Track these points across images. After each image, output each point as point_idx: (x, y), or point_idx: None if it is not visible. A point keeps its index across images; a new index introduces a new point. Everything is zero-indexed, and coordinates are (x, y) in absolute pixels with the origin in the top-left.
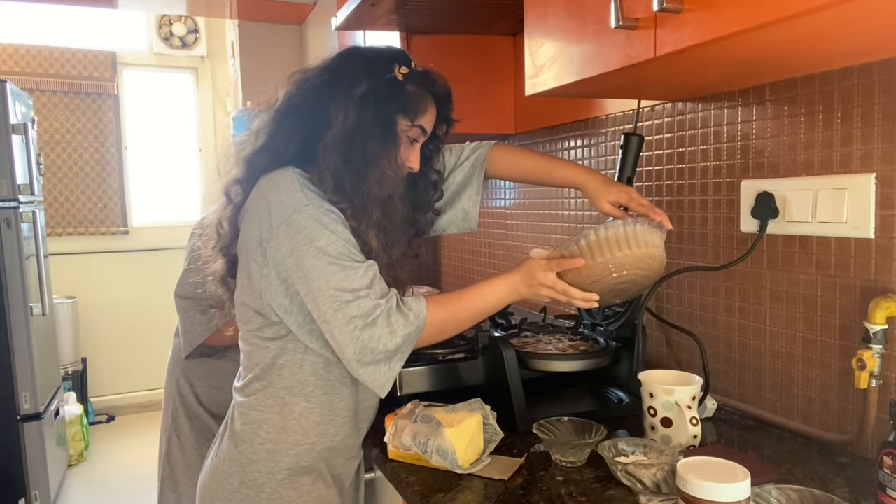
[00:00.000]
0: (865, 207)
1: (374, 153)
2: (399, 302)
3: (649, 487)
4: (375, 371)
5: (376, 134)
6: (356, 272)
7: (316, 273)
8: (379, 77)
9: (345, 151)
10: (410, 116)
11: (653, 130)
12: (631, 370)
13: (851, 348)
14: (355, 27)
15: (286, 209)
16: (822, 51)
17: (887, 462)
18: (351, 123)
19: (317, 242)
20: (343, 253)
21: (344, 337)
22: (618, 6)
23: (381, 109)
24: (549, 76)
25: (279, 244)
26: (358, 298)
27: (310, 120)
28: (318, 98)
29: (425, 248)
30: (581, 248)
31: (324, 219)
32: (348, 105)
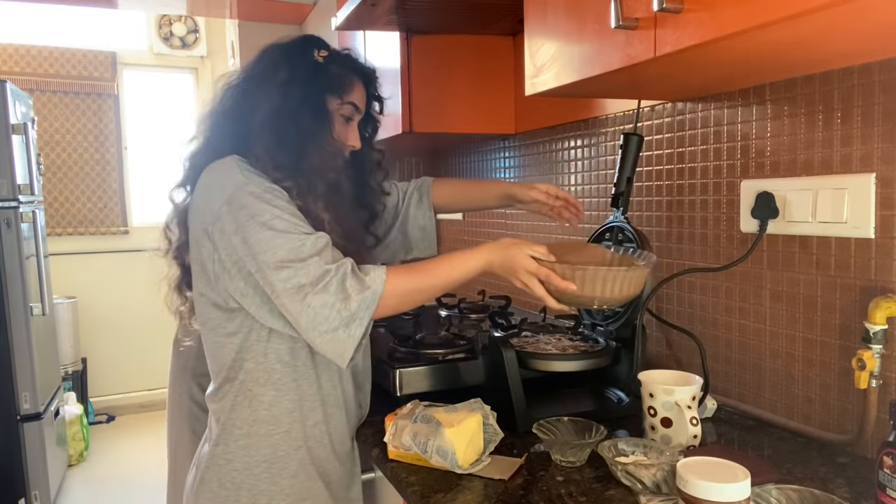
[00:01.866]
0: (865, 207)
1: (310, 130)
2: (354, 268)
3: (649, 487)
4: (333, 339)
5: (308, 113)
6: (304, 242)
7: (262, 247)
8: (299, 62)
9: (277, 129)
10: (339, 94)
11: (653, 130)
12: (631, 370)
13: (851, 348)
14: (355, 27)
15: (227, 190)
16: (822, 51)
17: (887, 462)
18: (279, 104)
19: (260, 217)
20: (289, 225)
21: (295, 307)
22: (618, 6)
23: (308, 90)
24: (549, 76)
25: (224, 225)
26: (306, 266)
27: (241, 114)
28: (244, 93)
29: None
30: (577, 276)
31: (265, 195)
32: (272, 90)
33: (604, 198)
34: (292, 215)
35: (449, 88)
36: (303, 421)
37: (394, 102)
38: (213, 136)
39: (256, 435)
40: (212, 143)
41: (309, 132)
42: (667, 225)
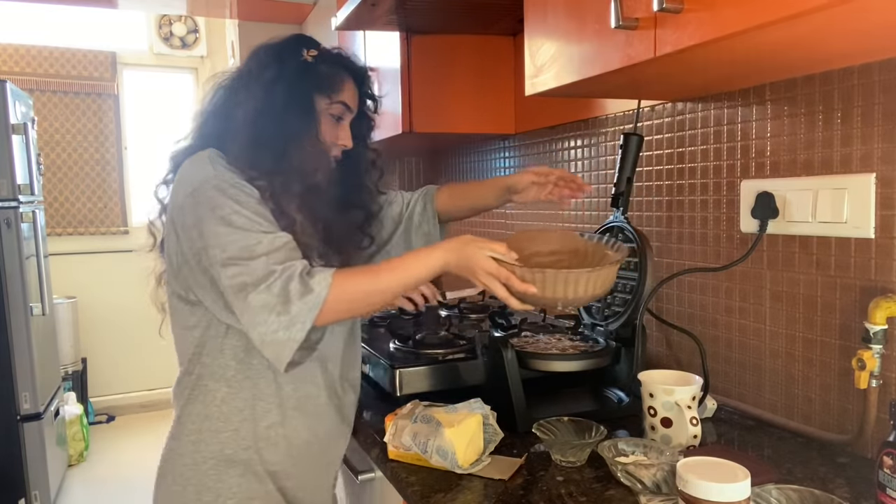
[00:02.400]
0: (865, 207)
1: (291, 129)
2: (303, 270)
3: (649, 487)
4: (273, 341)
5: (292, 112)
6: (259, 241)
7: (215, 241)
8: (288, 62)
9: (257, 128)
10: (328, 93)
11: (653, 130)
12: (631, 370)
13: (851, 348)
14: (355, 27)
15: (193, 183)
16: (822, 51)
17: (887, 462)
18: (261, 102)
19: (220, 211)
20: (247, 222)
21: (238, 304)
22: (618, 6)
23: (295, 90)
24: (549, 76)
25: (185, 216)
26: (253, 265)
27: (226, 112)
28: (232, 92)
29: None
30: (537, 279)
31: (230, 190)
32: (257, 89)
33: (604, 198)
34: (255, 213)
35: (449, 88)
36: (254, 421)
37: (394, 102)
38: (198, 136)
39: (207, 430)
40: (195, 142)
41: (291, 132)
42: (667, 225)
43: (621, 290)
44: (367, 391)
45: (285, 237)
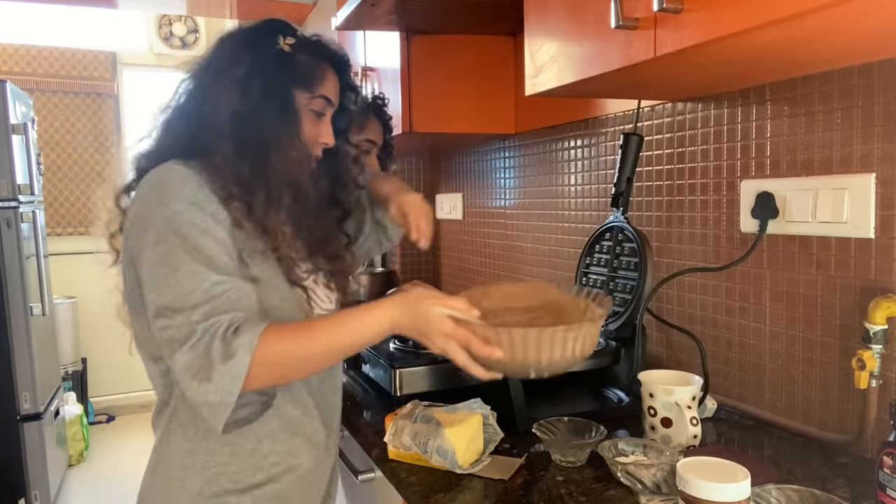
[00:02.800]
0: (865, 207)
1: (273, 133)
2: (228, 329)
3: (649, 487)
4: (205, 404)
5: (272, 112)
6: (195, 289)
7: (151, 283)
8: (263, 52)
9: (238, 136)
10: (308, 88)
11: (653, 130)
12: (631, 370)
13: (851, 348)
14: (355, 27)
15: (144, 206)
16: (822, 51)
17: (887, 462)
18: (238, 105)
19: (162, 246)
20: (192, 265)
21: (168, 359)
22: (618, 6)
23: (272, 85)
24: (549, 76)
25: (129, 244)
26: (178, 319)
27: (193, 112)
28: (199, 88)
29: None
30: (503, 340)
31: (185, 226)
32: (231, 87)
33: (604, 198)
34: (195, 249)
35: (449, 88)
36: (243, 451)
37: (394, 102)
38: (162, 138)
39: (191, 467)
40: (162, 145)
41: (273, 136)
42: (666, 225)
43: (621, 290)
44: (367, 391)
45: (226, 284)
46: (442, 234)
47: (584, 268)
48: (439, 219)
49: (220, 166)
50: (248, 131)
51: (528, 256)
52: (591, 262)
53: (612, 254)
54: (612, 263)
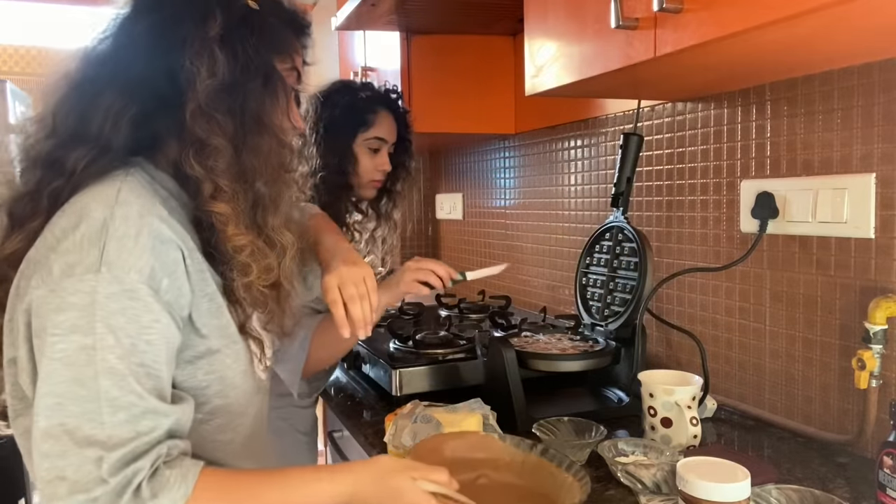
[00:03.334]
0: (865, 207)
1: (266, 112)
2: (144, 482)
3: (649, 487)
4: None
5: (259, 84)
6: (115, 414)
7: (50, 384)
8: (232, 8)
9: (230, 113)
10: (284, 57)
11: (653, 130)
12: (631, 370)
13: (851, 348)
14: (355, 27)
15: (62, 264)
16: (822, 51)
17: (887, 462)
18: (225, 72)
19: (79, 338)
20: (113, 375)
21: (41, 494)
22: (618, 6)
23: (253, 49)
24: (549, 76)
25: (33, 312)
26: (77, 455)
27: (145, 83)
28: (152, 47)
29: (424, 248)
30: None
31: (114, 304)
32: (210, 48)
33: (604, 198)
34: (136, 356)
35: (449, 88)
36: None
37: None
38: (93, 120)
39: None
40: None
41: (265, 117)
42: (666, 225)
43: (621, 290)
44: (367, 391)
45: (162, 417)
46: (442, 234)
47: (584, 268)
48: (439, 219)
49: (195, 171)
50: (238, 109)
51: (528, 256)
52: (591, 262)
53: (611, 254)
54: (611, 263)
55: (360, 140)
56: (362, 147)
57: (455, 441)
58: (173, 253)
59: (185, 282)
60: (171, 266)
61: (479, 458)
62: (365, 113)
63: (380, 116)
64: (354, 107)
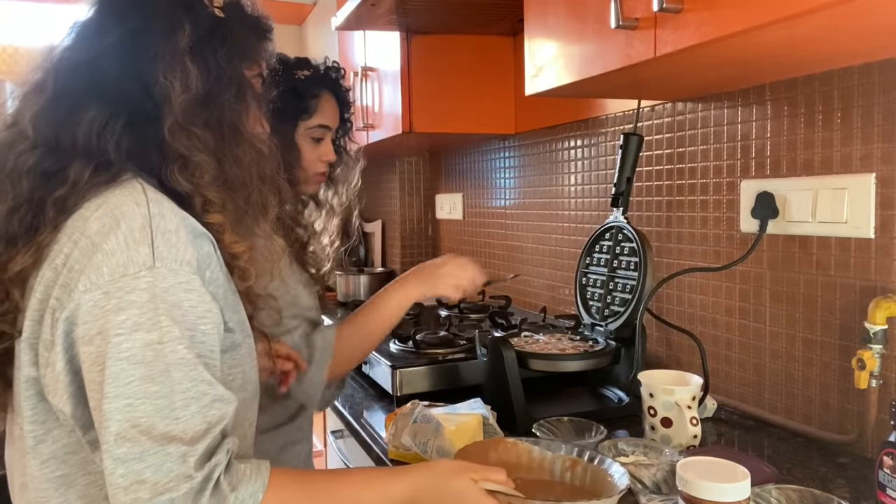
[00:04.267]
0: (865, 207)
1: (241, 121)
2: (223, 476)
3: (649, 487)
4: None
5: (232, 94)
6: (188, 407)
7: (118, 386)
8: (199, 18)
9: (208, 126)
10: (251, 64)
11: (653, 130)
12: (631, 370)
13: (851, 348)
14: (355, 27)
15: (112, 264)
16: (822, 51)
17: (887, 462)
18: (198, 85)
19: (144, 335)
20: (184, 365)
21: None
22: (618, 6)
23: (222, 58)
24: (549, 76)
25: (81, 319)
26: (161, 454)
27: (124, 96)
28: (124, 59)
29: (424, 248)
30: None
31: (172, 296)
32: (182, 61)
33: (604, 198)
34: (197, 344)
35: (449, 88)
36: None
37: (394, 102)
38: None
39: None
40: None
41: (242, 126)
42: (666, 225)
43: (621, 290)
44: (367, 391)
45: (222, 400)
46: (442, 234)
47: (584, 268)
48: (439, 219)
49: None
50: (215, 122)
51: (528, 256)
52: (590, 262)
53: (611, 254)
54: (611, 263)
55: (303, 130)
56: (305, 137)
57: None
58: (206, 245)
59: (219, 273)
60: (207, 258)
61: (512, 462)
62: (306, 99)
63: (322, 101)
64: (294, 92)
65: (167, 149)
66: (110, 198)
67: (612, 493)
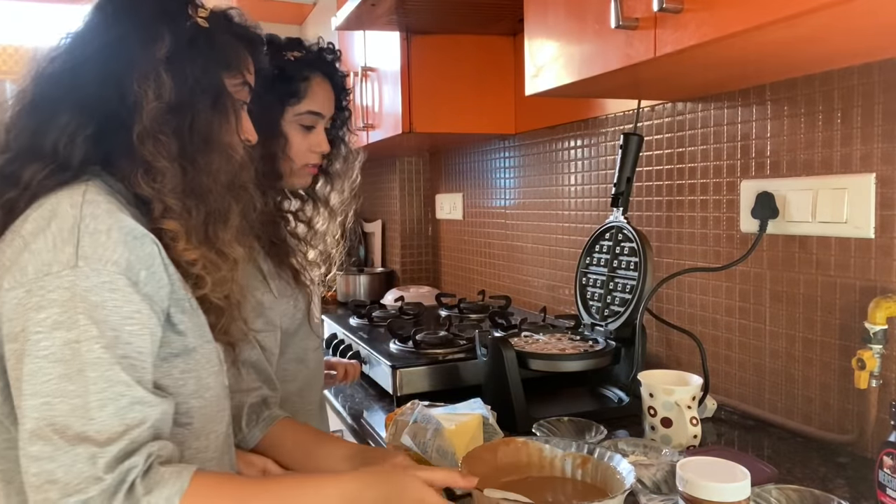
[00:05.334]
0: (865, 207)
1: (213, 130)
2: (139, 479)
3: (649, 487)
4: None
5: (207, 104)
6: (104, 408)
7: (35, 384)
8: (179, 27)
9: (177, 134)
10: (234, 73)
11: (653, 130)
12: (631, 370)
13: (851, 348)
14: (355, 27)
15: (37, 263)
16: (822, 51)
17: (887, 462)
18: (171, 94)
19: (63, 333)
20: (101, 365)
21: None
22: (618, 6)
23: (201, 67)
24: (549, 76)
25: (6, 316)
26: (74, 453)
27: (99, 103)
28: (103, 69)
29: (424, 248)
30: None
31: (94, 296)
32: (157, 71)
33: (604, 198)
34: (121, 346)
35: (449, 88)
36: None
37: (394, 102)
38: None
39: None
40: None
41: (214, 134)
42: (666, 225)
43: (621, 290)
44: (367, 391)
45: (149, 407)
46: (442, 234)
47: (584, 268)
48: (439, 219)
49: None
50: (186, 129)
51: (528, 256)
52: (590, 262)
53: (611, 254)
54: (611, 263)
55: (291, 116)
56: (293, 124)
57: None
58: (148, 247)
59: (163, 274)
60: (147, 259)
61: (523, 462)
62: (294, 81)
63: (313, 84)
64: (281, 74)
65: (135, 155)
66: (51, 199)
67: (620, 491)
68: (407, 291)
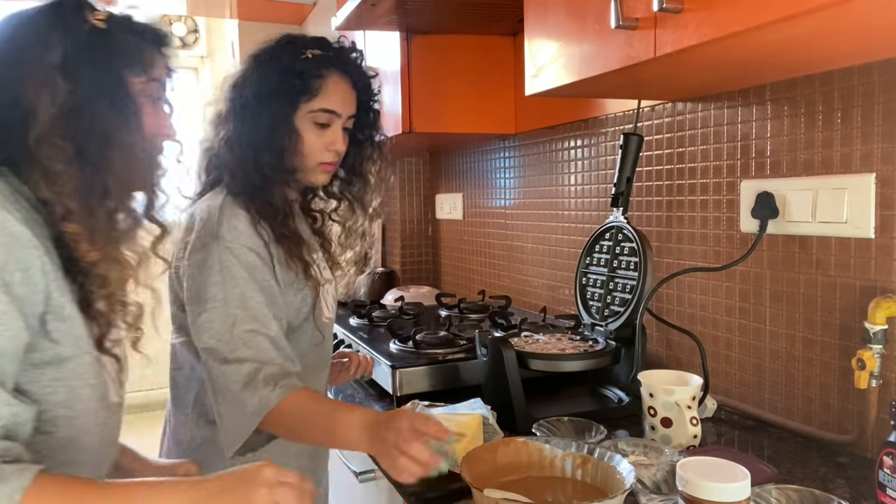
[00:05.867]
0: (865, 207)
1: (113, 130)
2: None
3: (649, 487)
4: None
5: (105, 105)
6: None
7: None
8: (75, 31)
9: (74, 138)
10: (138, 71)
11: (653, 130)
12: (631, 370)
13: (851, 348)
14: (355, 27)
15: None
16: (822, 51)
17: (887, 462)
18: (65, 98)
19: None
20: None
21: None
22: (618, 6)
23: (100, 69)
24: (549, 76)
25: None
26: None
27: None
28: (2, 76)
29: (424, 248)
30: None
31: None
32: (52, 77)
33: (604, 198)
34: None
35: (449, 88)
36: None
37: (394, 102)
38: None
39: None
40: None
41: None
42: (666, 225)
43: (621, 290)
44: (367, 391)
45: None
46: (442, 234)
47: (584, 268)
48: (439, 219)
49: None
50: (83, 132)
51: (528, 256)
52: (590, 262)
53: (611, 254)
54: (611, 263)
55: (304, 112)
56: (307, 121)
57: (501, 448)
58: (29, 249)
59: (40, 279)
60: (25, 262)
61: (523, 462)
62: (308, 77)
63: (329, 82)
64: (294, 69)
65: (33, 159)
66: None
67: (620, 491)
68: (407, 291)
